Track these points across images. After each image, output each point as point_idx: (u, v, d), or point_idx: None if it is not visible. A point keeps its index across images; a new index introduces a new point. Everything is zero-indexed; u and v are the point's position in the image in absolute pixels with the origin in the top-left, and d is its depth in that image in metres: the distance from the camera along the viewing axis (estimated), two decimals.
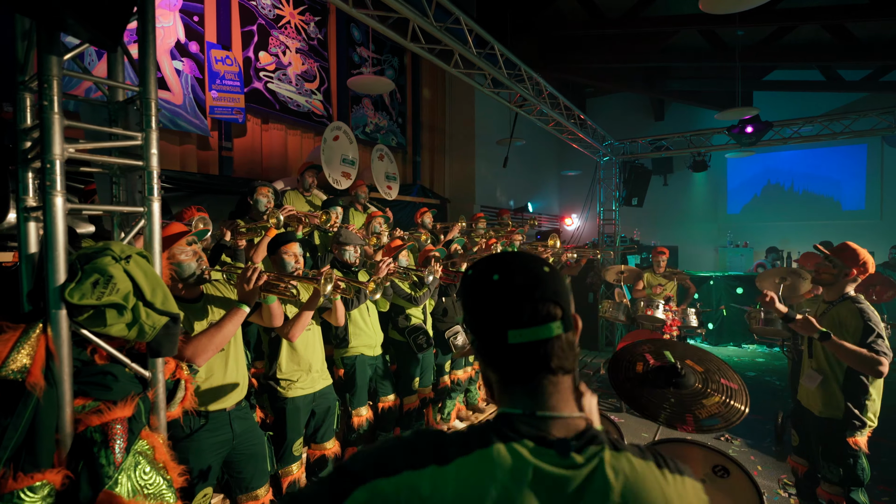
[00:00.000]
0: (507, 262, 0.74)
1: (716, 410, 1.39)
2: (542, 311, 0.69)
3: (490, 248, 4.50)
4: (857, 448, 2.45)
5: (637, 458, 0.66)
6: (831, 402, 2.51)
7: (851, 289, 2.58)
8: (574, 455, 0.64)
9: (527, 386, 0.70)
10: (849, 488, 2.47)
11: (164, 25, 4.12)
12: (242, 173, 5.05)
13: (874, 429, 2.52)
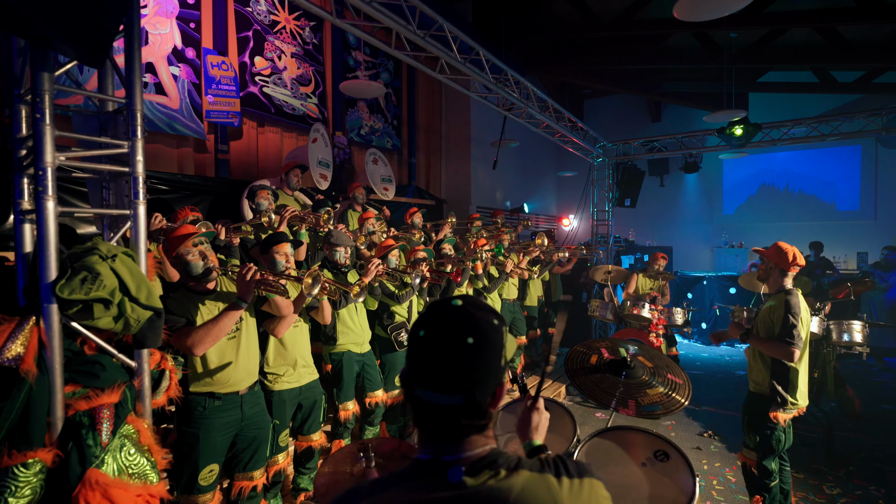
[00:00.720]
0: (441, 322, 0.78)
1: (657, 399, 1.51)
2: (445, 383, 0.74)
3: (480, 248, 4.60)
4: (776, 422, 2.68)
5: (533, 472, 0.75)
6: (761, 381, 2.78)
7: (788, 282, 2.74)
8: (466, 479, 0.73)
9: (431, 435, 0.79)
10: (763, 455, 2.75)
11: (161, 32, 4.26)
12: (239, 175, 5.18)
13: (860, 427, 2.69)
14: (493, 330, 0.78)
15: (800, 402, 2.73)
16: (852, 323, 4.08)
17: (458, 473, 0.73)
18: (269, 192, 3.75)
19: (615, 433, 1.63)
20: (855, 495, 3.46)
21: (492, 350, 0.77)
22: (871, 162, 9.14)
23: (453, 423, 0.76)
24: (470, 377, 0.75)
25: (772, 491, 2.79)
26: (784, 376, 2.68)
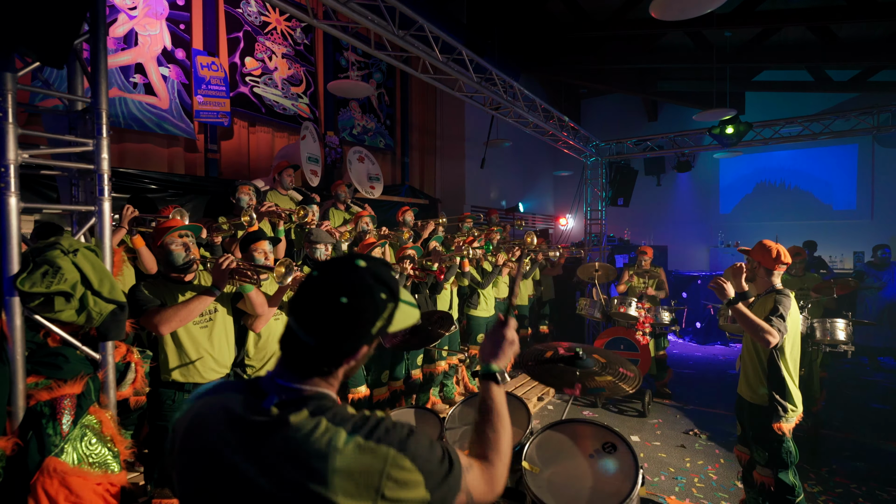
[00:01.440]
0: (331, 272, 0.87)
1: (604, 385, 1.54)
2: (307, 322, 0.83)
3: (467, 245, 4.64)
4: (782, 433, 2.59)
5: (331, 423, 0.80)
6: (757, 390, 2.69)
7: (776, 281, 2.73)
8: (273, 408, 0.81)
9: (284, 358, 0.88)
10: (777, 470, 2.63)
11: (150, 33, 4.32)
12: (230, 174, 5.24)
13: (848, 425, 2.64)
14: (372, 300, 0.84)
15: (798, 408, 2.65)
16: (836, 321, 4.08)
17: (271, 401, 0.81)
18: (250, 188, 3.80)
19: (567, 426, 1.66)
20: (835, 493, 3.46)
21: (361, 316, 0.83)
22: (867, 161, 9.09)
23: (301, 357, 0.85)
24: (328, 328, 0.82)
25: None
26: (780, 385, 2.60)
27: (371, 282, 0.85)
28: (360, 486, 0.76)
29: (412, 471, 0.80)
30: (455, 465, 0.87)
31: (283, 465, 0.77)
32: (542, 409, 5.16)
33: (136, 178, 4.14)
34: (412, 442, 0.83)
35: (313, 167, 5.30)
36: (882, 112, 5.74)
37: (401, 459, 0.80)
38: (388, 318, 0.87)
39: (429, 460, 0.83)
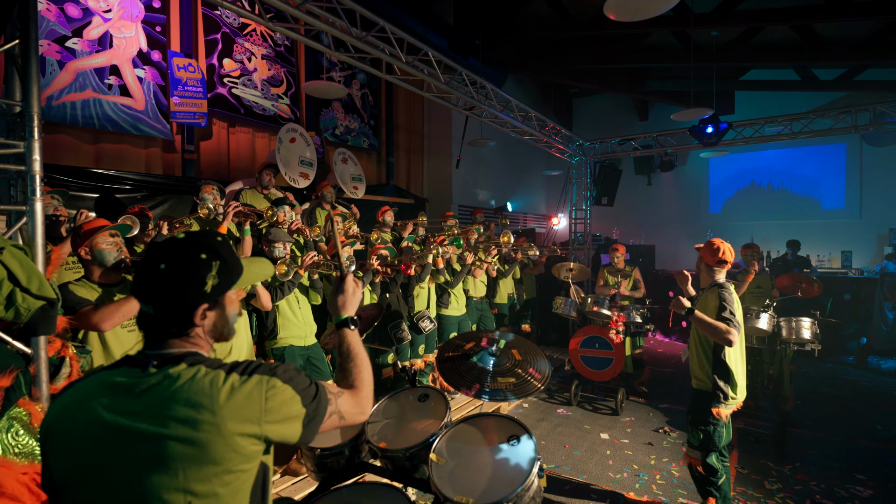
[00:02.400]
0: (153, 249, 0.97)
1: (503, 387, 1.59)
2: (141, 293, 0.95)
3: (437, 244, 4.69)
4: (718, 418, 2.69)
5: (209, 368, 0.92)
6: (703, 376, 2.83)
7: (721, 276, 2.80)
8: (151, 370, 0.90)
9: (143, 334, 0.98)
10: (706, 452, 2.79)
11: (125, 36, 4.39)
12: (210, 175, 5.31)
13: (818, 424, 2.69)
14: (190, 261, 0.95)
15: (739, 396, 2.79)
16: (801, 320, 4.10)
17: (148, 364, 0.91)
18: (213, 188, 3.86)
19: (480, 419, 1.70)
20: (793, 490, 3.49)
21: (184, 276, 0.94)
22: (856, 160, 9.06)
23: (152, 326, 0.96)
24: (158, 293, 0.94)
25: (721, 489, 2.82)
26: (724, 371, 2.73)
27: (187, 247, 0.97)
28: (244, 409, 0.89)
29: (287, 389, 0.95)
30: (321, 387, 1.03)
31: (172, 408, 0.86)
32: (516, 408, 5.20)
33: (110, 178, 4.22)
34: (280, 369, 0.97)
35: (305, 170, 5.35)
36: (860, 112, 5.74)
37: (273, 382, 0.94)
38: (220, 276, 0.98)
39: (299, 382, 0.98)
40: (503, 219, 6.62)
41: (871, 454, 4.05)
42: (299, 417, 0.97)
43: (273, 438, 0.94)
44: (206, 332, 1.01)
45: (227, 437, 0.87)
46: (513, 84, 10.32)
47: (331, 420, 1.05)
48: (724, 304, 2.65)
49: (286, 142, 4.93)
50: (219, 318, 1.02)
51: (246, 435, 0.89)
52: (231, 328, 1.07)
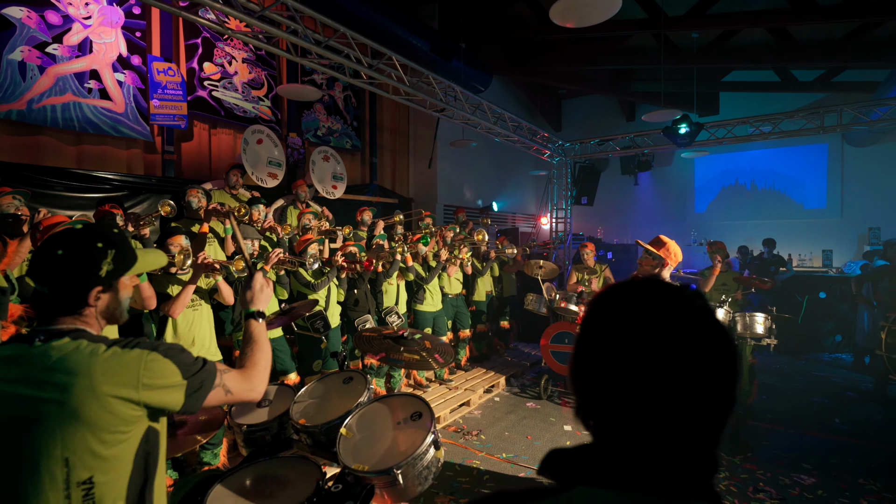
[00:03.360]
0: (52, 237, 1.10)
1: (406, 359, 1.74)
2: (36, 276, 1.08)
3: (400, 243, 4.85)
4: None
5: (90, 342, 1.04)
6: None
7: (667, 275, 2.91)
8: (37, 342, 1.03)
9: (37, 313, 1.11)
10: None
11: (105, 41, 4.56)
12: (191, 175, 5.48)
13: (779, 417, 2.77)
14: (86, 248, 1.08)
15: None
16: (755, 315, 4.23)
17: (35, 339, 1.03)
18: (198, 191, 4.06)
19: (392, 399, 1.86)
20: (739, 478, 3.61)
21: (80, 262, 1.07)
22: (837, 160, 9.15)
23: (45, 305, 1.08)
24: (54, 276, 1.07)
25: None
26: None
27: (85, 236, 1.10)
28: (120, 374, 1.02)
29: (165, 361, 1.07)
30: (209, 363, 1.16)
31: (51, 374, 0.99)
32: (488, 401, 5.34)
33: (89, 178, 4.40)
34: (162, 346, 1.10)
35: (273, 170, 5.53)
36: (828, 113, 5.85)
37: (153, 355, 1.06)
38: (115, 263, 1.12)
39: (180, 358, 1.10)
40: (484, 218, 6.77)
41: (823, 446, 4.17)
42: (180, 387, 1.09)
43: (152, 405, 1.05)
44: (98, 312, 1.14)
45: (101, 399, 0.99)
46: (499, 86, 10.46)
47: (216, 392, 1.17)
48: None
49: (252, 143, 5.11)
50: (112, 301, 1.16)
51: (121, 398, 1.01)
52: (123, 311, 1.20)
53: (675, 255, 2.87)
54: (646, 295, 0.61)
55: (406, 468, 1.54)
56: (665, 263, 2.88)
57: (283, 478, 1.69)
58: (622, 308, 0.61)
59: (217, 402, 1.20)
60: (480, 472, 3.72)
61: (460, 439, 4.32)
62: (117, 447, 1.03)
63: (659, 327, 0.57)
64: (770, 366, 6.71)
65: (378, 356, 1.72)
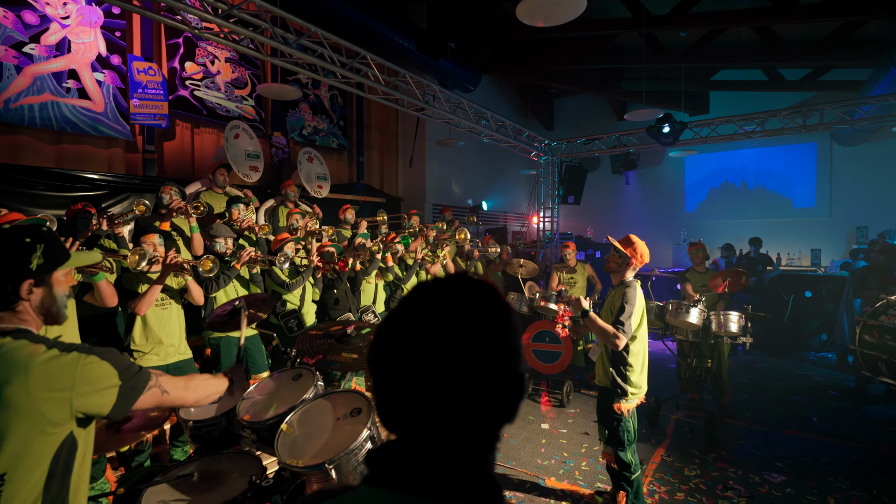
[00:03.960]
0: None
1: (343, 360, 1.75)
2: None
3: (378, 243, 4.87)
4: (621, 413, 2.78)
5: (30, 342, 1.07)
6: (605, 373, 2.92)
7: (630, 275, 2.91)
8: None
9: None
10: (616, 448, 2.82)
11: (84, 41, 4.58)
12: (173, 174, 5.50)
13: (757, 416, 2.76)
14: (17, 243, 1.12)
15: (640, 390, 2.85)
16: (729, 314, 4.24)
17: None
18: (171, 188, 4.08)
19: (336, 395, 1.87)
20: (710, 476, 3.63)
21: (9, 255, 1.11)
22: (826, 159, 9.16)
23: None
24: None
25: (634, 483, 2.86)
26: (623, 368, 2.80)
27: (13, 231, 1.14)
28: (56, 378, 1.05)
29: (101, 363, 1.11)
30: (144, 369, 1.22)
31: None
32: None
33: (68, 177, 4.42)
34: (100, 350, 1.13)
35: (253, 163, 5.54)
36: (810, 112, 5.85)
37: (90, 357, 1.10)
38: (45, 256, 1.15)
39: (117, 360, 1.15)
40: (469, 216, 6.78)
41: (798, 445, 4.17)
42: (114, 388, 1.12)
43: (84, 408, 1.08)
44: (34, 308, 1.16)
45: (34, 400, 1.02)
46: (490, 85, 10.48)
47: (151, 393, 1.21)
48: (625, 306, 2.72)
49: (231, 139, 5.13)
50: (46, 296, 1.18)
51: (53, 401, 1.04)
52: (61, 310, 1.22)
53: (642, 255, 2.87)
54: (438, 291, 0.60)
55: (339, 463, 1.56)
56: (630, 262, 2.89)
57: (224, 473, 1.71)
58: (412, 303, 0.60)
59: (153, 404, 1.24)
60: None
61: None
62: (37, 446, 1.04)
63: (436, 323, 0.56)
64: (755, 365, 6.72)
65: (315, 358, 1.73)
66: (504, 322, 0.59)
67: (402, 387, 0.56)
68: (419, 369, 0.55)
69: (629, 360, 2.80)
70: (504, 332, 0.59)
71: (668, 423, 4.67)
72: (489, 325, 0.58)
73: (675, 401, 4.94)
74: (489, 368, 0.56)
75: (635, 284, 2.85)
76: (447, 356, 0.54)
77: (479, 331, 0.57)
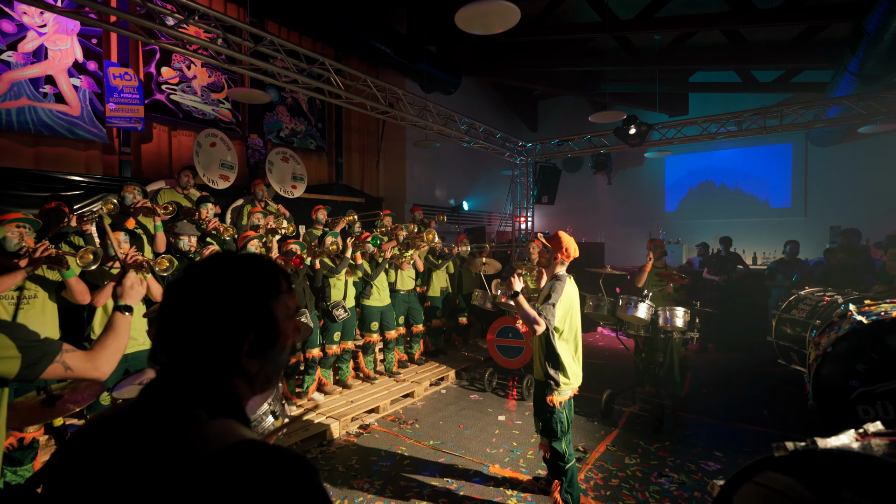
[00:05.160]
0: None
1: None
2: None
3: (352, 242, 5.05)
4: (553, 405, 2.93)
5: None
6: (539, 367, 3.04)
7: (560, 269, 3.08)
8: None
9: None
10: (550, 439, 2.98)
11: (61, 48, 4.79)
12: (151, 175, 5.70)
13: (711, 410, 2.90)
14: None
15: (572, 382, 2.99)
16: (675, 309, 4.39)
17: None
18: (134, 188, 4.27)
19: None
20: (648, 464, 3.78)
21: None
22: (801, 159, 9.28)
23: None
24: None
25: (568, 472, 2.99)
26: (554, 360, 2.93)
27: None
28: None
29: (3, 338, 1.27)
30: (53, 342, 1.37)
31: None
32: (435, 393, 5.53)
33: (46, 178, 4.63)
34: (3, 324, 1.30)
35: (225, 173, 5.74)
36: (770, 115, 6.00)
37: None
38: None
39: (18, 335, 1.31)
40: (440, 215, 6.96)
41: (743, 436, 4.32)
42: (16, 359, 1.30)
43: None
44: None
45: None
46: (473, 88, 10.66)
47: (55, 367, 1.39)
48: (551, 295, 2.88)
49: (206, 146, 5.32)
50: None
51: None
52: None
53: (567, 249, 3.04)
54: (202, 263, 0.82)
55: None
56: (557, 257, 3.05)
57: None
58: (187, 270, 0.82)
59: (57, 376, 1.42)
60: (404, 457, 3.90)
61: (394, 428, 4.51)
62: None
63: (191, 283, 0.79)
64: (719, 361, 6.86)
65: None
66: (239, 284, 0.80)
67: (170, 324, 0.78)
68: (179, 313, 0.78)
69: (560, 354, 2.93)
70: (235, 292, 0.79)
71: (621, 415, 4.83)
72: (225, 287, 0.79)
73: (632, 394, 5.10)
74: (222, 316, 0.77)
75: (566, 279, 3.00)
76: (196, 305, 0.77)
77: (215, 290, 0.79)
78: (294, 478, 0.65)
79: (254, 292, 0.80)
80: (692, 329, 4.46)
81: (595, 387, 5.69)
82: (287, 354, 0.87)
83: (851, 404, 2.36)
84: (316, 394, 4.92)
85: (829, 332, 2.78)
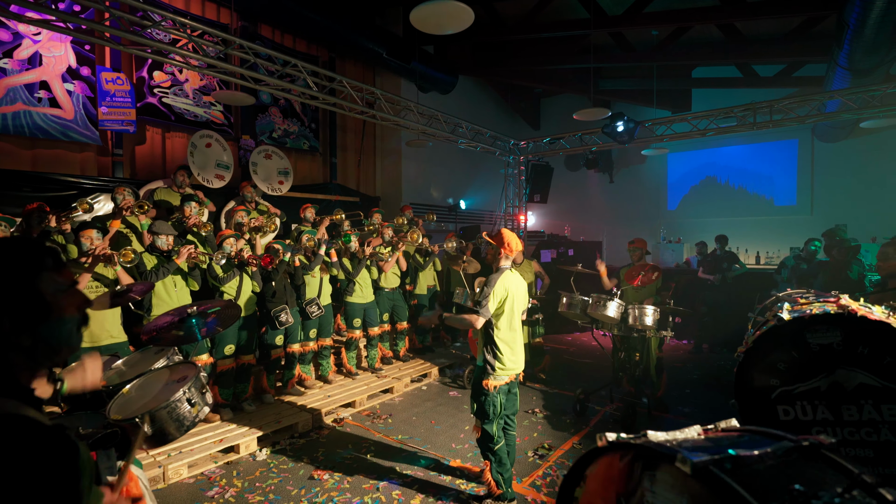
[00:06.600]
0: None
1: (168, 337, 2.04)
2: None
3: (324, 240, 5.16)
4: (487, 389, 3.02)
5: None
6: (481, 353, 3.12)
7: (505, 263, 3.14)
8: None
9: None
10: (483, 420, 3.11)
11: (55, 54, 5.03)
12: (144, 176, 5.93)
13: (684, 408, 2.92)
14: None
15: (508, 369, 3.08)
16: (644, 307, 4.36)
17: None
18: (125, 189, 4.47)
19: (177, 366, 2.16)
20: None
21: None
22: (807, 157, 9.01)
23: None
24: None
25: (497, 454, 3.12)
26: (492, 347, 3.05)
27: None
28: None
29: None
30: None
31: None
32: (416, 390, 5.59)
33: (40, 179, 4.88)
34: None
35: (221, 172, 5.92)
36: (759, 111, 5.87)
37: None
38: None
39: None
40: (428, 214, 7.02)
41: None
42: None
43: None
44: None
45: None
46: (473, 87, 10.69)
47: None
48: (485, 289, 2.99)
49: (201, 147, 5.50)
50: None
51: None
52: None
53: (508, 244, 3.10)
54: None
55: (152, 416, 1.84)
56: (500, 252, 3.12)
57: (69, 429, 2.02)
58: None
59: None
60: (369, 450, 3.99)
61: (367, 422, 4.60)
62: None
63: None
64: (710, 361, 6.74)
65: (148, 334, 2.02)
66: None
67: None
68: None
69: (497, 342, 3.02)
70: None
71: (595, 414, 4.82)
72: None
73: (609, 394, 5.07)
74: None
75: (505, 272, 3.07)
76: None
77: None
78: (31, 454, 0.73)
79: (8, 271, 0.87)
80: (664, 328, 4.42)
81: (574, 385, 5.70)
82: (71, 326, 0.93)
83: (772, 404, 2.33)
84: (296, 387, 5.04)
85: (755, 330, 2.75)
